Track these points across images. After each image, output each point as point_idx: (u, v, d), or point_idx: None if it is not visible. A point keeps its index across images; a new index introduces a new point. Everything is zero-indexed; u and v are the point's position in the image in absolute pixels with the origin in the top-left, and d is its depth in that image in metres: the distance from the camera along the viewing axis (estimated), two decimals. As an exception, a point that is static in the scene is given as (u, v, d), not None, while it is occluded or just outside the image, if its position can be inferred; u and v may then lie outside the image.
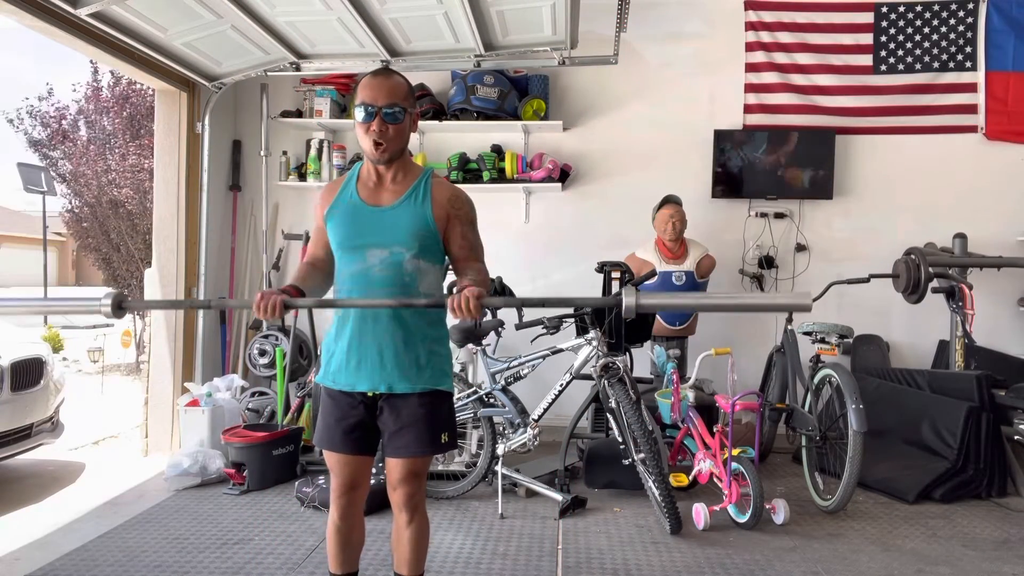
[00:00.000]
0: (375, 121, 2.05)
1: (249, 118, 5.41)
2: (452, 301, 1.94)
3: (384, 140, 2.07)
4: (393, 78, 2.11)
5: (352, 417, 2.17)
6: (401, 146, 2.13)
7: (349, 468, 2.20)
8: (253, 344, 5.08)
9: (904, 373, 4.54)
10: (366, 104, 2.06)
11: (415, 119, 2.17)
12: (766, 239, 5.21)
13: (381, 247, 2.11)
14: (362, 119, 2.07)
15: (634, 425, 3.44)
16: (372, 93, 2.06)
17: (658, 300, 2.09)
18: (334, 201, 2.20)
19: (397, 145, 2.11)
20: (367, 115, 2.06)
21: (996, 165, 5.09)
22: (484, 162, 5.06)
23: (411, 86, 2.17)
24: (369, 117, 2.05)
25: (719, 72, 5.21)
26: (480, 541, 3.32)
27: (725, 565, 3.07)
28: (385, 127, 2.06)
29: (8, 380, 3.97)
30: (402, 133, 2.10)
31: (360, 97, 2.08)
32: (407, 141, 2.16)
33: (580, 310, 3.84)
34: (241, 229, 5.45)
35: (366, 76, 2.11)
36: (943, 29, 5.10)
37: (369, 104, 2.05)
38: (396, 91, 2.08)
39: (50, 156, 9.31)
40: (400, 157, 2.15)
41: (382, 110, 2.05)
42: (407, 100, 2.11)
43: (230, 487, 4.00)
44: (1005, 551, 3.25)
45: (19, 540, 3.32)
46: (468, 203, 2.21)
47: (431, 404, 2.15)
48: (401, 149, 2.14)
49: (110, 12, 3.63)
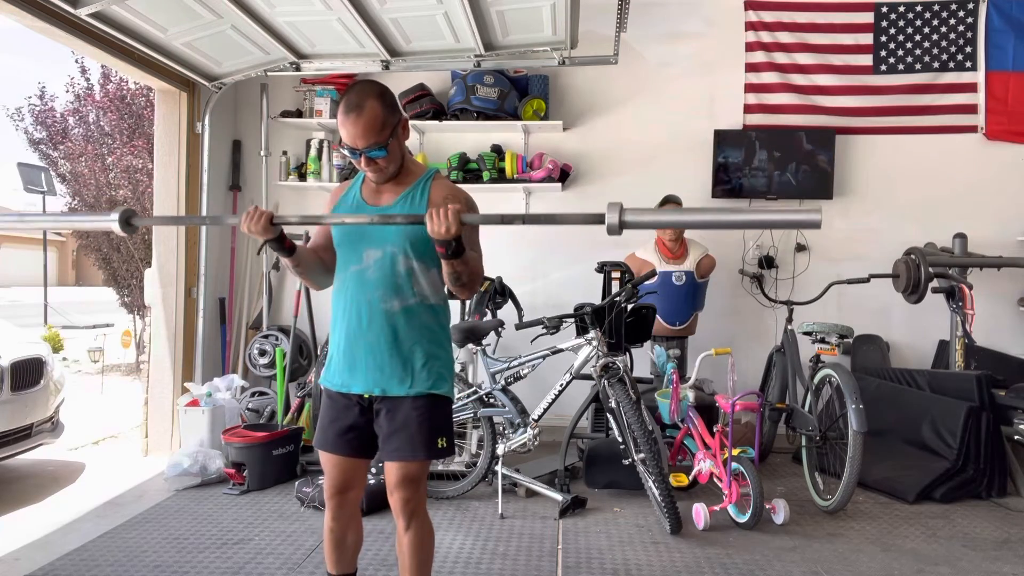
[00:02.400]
0: (362, 160, 2.06)
1: (249, 118, 5.41)
2: (429, 217, 1.88)
3: (377, 171, 2.09)
4: (364, 113, 2.00)
5: (346, 419, 2.16)
6: (397, 165, 2.12)
7: (340, 470, 2.19)
8: (253, 344, 5.09)
9: (904, 373, 4.54)
10: (348, 146, 2.05)
11: (404, 126, 2.13)
12: (766, 239, 5.21)
13: (376, 247, 2.11)
14: (351, 157, 2.08)
15: (634, 425, 3.44)
16: (349, 136, 2.02)
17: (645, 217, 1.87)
18: (340, 200, 2.22)
19: (393, 166, 2.11)
20: (353, 155, 2.06)
21: (996, 165, 5.09)
22: (484, 162, 5.06)
23: (388, 103, 2.06)
24: (356, 157, 2.06)
25: (719, 72, 5.21)
26: (480, 541, 3.32)
27: (725, 565, 3.07)
28: (373, 162, 2.07)
29: (8, 380, 3.96)
30: (393, 156, 2.09)
31: (342, 135, 2.05)
32: (402, 156, 2.14)
33: (580, 310, 3.85)
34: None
35: (341, 107, 2.04)
36: (943, 29, 5.10)
37: (350, 147, 2.05)
38: (371, 128, 2.00)
39: (50, 156, 9.32)
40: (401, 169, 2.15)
41: (364, 153, 2.04)
42: (386, 128, 2.03)
43: (230, 487, 4.00)
44: (1005, 551, 3.26)
45: (19, 540, 3.32)
46: (466, 203, 2.14)
47: (426, 408, 2.12)
48: (399, 166, 2.13)
49: (110, 12, 3.64)
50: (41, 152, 9.38)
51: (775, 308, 4.94)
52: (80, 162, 8.69)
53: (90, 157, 8.62)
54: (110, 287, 9.04)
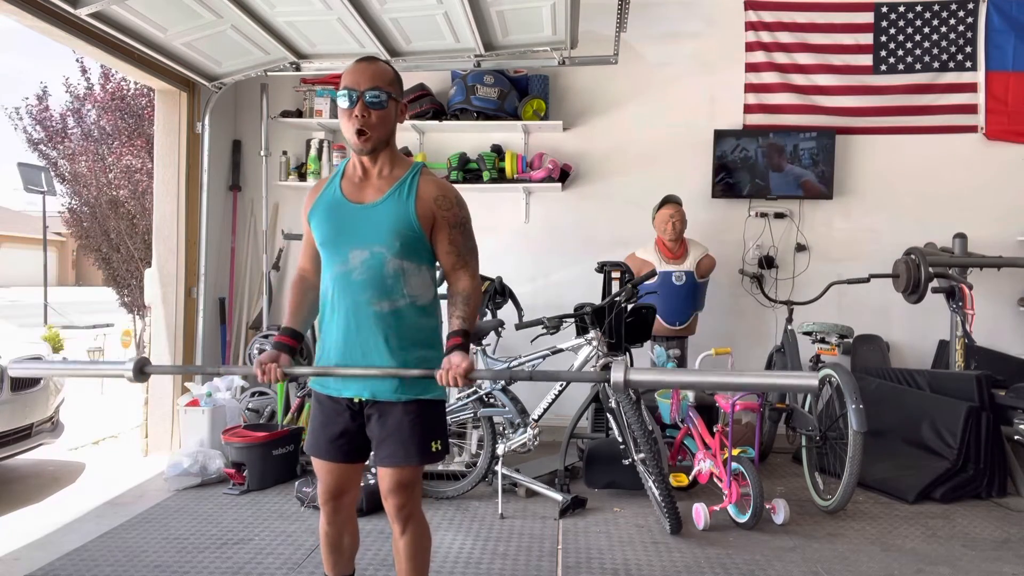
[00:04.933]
0: (357, 106, 1.95)
1: (249, 118, 5.41)
2: (439, 376, 1.94)
3: (367, 127, 1.97)
4: (377, 64, 2.01)
5: (337, 424, 2.10)
6: (385, 135, 2.02)
7: (332, 475, 2.14)
8: (253, 344, 5.08)
9: (904, 373, 4.54)
10: (348, 89, 1.96)
11: (402, 109, 2.07)
12: (766, 239, 5.21)
13: (361, 247, 2.01)
14: (345, 105, 1.97)
15: (634, 425, 3.44)
16: (354, 77, 1.96)
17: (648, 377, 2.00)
18: (317, 199, 2.11)
19: (381, 133, 2.00)
20: (349, 101, 1.96)
21: (996, 165, 5.09)
22: (484, 162, 5.06)
23: (398, 75, 2.06)
24: (351, 103, 1.96)
25: (719, 72, 5.21)
26: (480, 541, 3.32)
27: (725, 565, 3.07)
28: (368, 112, 1.96)
29: (8, 380, 3.97)
30: (386, 121, 1.99)
31: (343, 83, 1.98)
32: (392, 130, 2.05)
33: (580, 310, 3.85)
34: (241, 229, 5.46)
35: (351, 64, 2.02)
36: (943, 29, 5.10)
37: (351, 88, 1.96)
38: (379, 76, 1.98)
39: (49, 156, 9.31)
40: (385, 148, 2.05)
41: (364, 94, 1.95)
42: (392, 86, 2.00)
43: (230, 487, 4.00)
44: (1005, 551, 3.25)
45: (19, 540, 3.32)
46: (457, 203, 2.07)
47: (418, 412, 2.06)
48: (386, 139, 2.03)
49: (110, 12, 3.63)
50: (40, 152, 9.38)
51: (775, 308, 4.94)
52: (80, 162, 8.69)
53: (90, 157, 8.62)
54: (110, 287, 9.03)
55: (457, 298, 2.07)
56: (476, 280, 2.11)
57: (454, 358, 1.96)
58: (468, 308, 2.05)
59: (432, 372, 1.97)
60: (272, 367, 2.02)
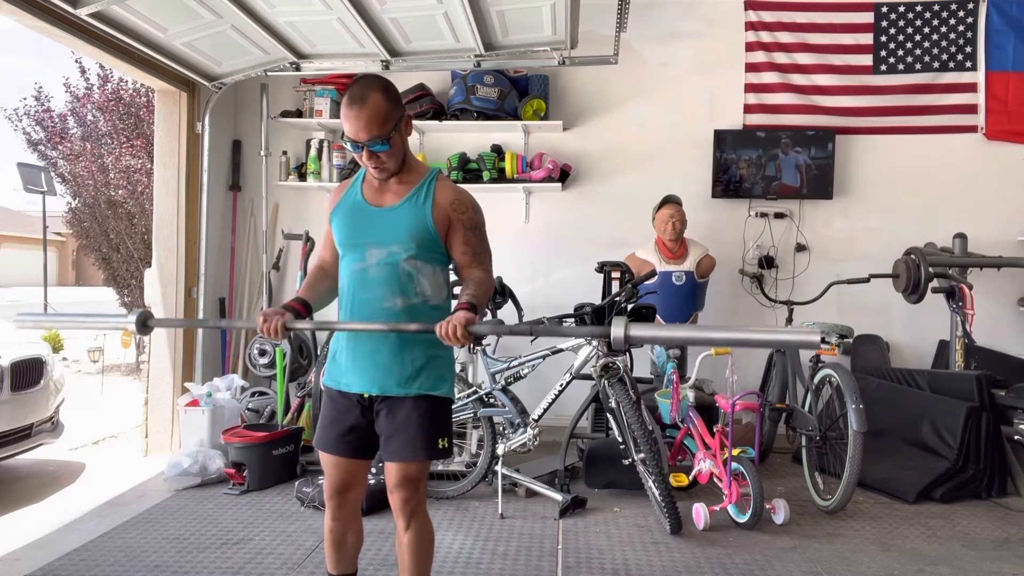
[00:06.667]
0: (364, 153, 2.05)
1: (249, 118, 5.41)
2: (439, 328, 1.96)
3: (380, 166, 2.08)
4: (368, 105, 1.99)
5: (346, 420, 2.16)
6: (399, 161, 2.11)
7: (339, 470, 2.19)
8: (253, 344, 5.08)
9: (904, 373, 4.54)
10: (351, 139, 2.04)
11: (407, 121, 2.13)
12: (766, 239, 5.21)
13: (379, 246, 2.11)
14: (353, 150, 2.07)
15: (634, 425, 3.44)
16: (352, 128, 2.02)
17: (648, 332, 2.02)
18: (340, 200, 2.21)
19: (395, 162, 2.10)
20: (356, 148, 2.05)
21: (996, 165, 5.09)
22: (484, 162, 5.06)
23: (392, 97, 2.06)
24: (358, 150, 2.05)
25: (719, 72, 5.21)
26: (480, 541, 3.32)
27: (725, 565, 3.07)
28: (376, 156, 2.05)
29: (8, 380, 3.96)
30: (396, 152, 2.08)
31: (344, 128, 2.05)
32: (405, 152, 2.13)
33: (580, 310, 3.85)
34: (241, 229, 5.45)
35: (344, 100, 2.03)
36: (943, 29, 5.10)
37: (353, 140, 2.04)
38: (374, 121, 2.00)
39: (49, 156, 9.31)
40: (403, 166, 2.14)
41: (367, 145, 2.03)
42: (389, 121, 2.02)
43: (230, 487, 4.00)
44: (1005, 551, 3.25)
45: (19, 540, 3.32)
46: (472, 207, 2.18)
47: (426, 409, 2.12)
48: (401, 162, 2.12)
49: (110, 12, 3.63)
50: (40, 152, 9.38)
51: (775, 308, 4.94)
52: (79, 162, 8.69)
53: (89, 157, 8.62)
54: (110, 287, 9.03)
55: (469, 281, 2.15)
56: (490, 275, 2.20)
57: (457, 314, 1.99)
58: (479, 289, 2.11)
59: (432, 326, 2.00)
60: (275, 318, 2.06)
